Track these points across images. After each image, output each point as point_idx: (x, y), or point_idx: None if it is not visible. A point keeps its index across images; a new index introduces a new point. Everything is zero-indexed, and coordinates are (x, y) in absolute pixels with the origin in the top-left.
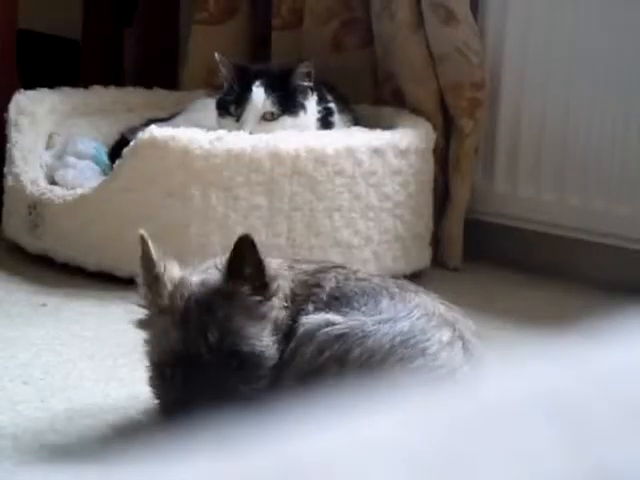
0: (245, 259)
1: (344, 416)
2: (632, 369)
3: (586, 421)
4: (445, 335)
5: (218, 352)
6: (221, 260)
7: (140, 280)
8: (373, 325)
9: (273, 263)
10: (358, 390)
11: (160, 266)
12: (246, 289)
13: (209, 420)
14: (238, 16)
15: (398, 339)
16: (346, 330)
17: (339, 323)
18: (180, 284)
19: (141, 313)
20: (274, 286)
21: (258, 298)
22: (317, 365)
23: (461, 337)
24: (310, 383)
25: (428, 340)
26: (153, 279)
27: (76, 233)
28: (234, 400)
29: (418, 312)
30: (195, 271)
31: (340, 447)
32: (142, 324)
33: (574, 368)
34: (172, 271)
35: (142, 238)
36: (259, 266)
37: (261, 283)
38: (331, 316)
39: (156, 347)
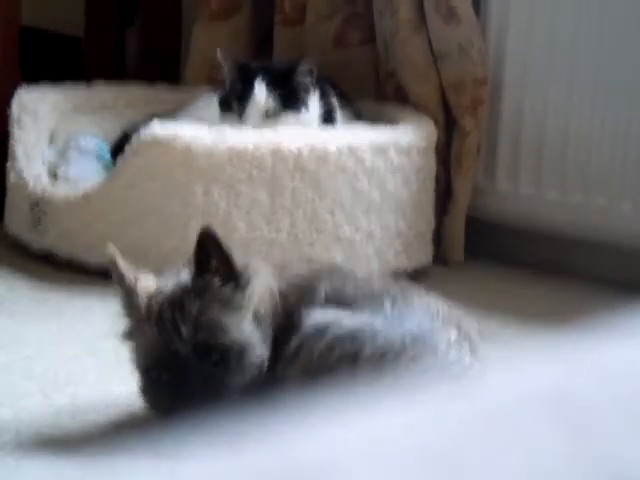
0: (209, 252)
1: (352, 414)
2: (634, 366)
3: (589, 418)
4: (452, 335)
5: (196, 347)
6: (189, 258)
7: (118, 294)
8: (382, 324)
9: (257, 264)
10: (369, 388)
11: (130, 278)
12: (217, 281)
13: (208, 418)
14: (240, 12)
15: (409, 338)
16: (356, 328)
17: (348, 321)
18: (155, 293)
19: (126, 324)
20: (246, 275)
21: (231, 288)
22: (328, 362)
23: (467, 337)
24: (318, 379)
25: (437, 339)
26: (127, 291)
27: (78, 230)
28: (226, 394)
29: (422, 313)
30: (169, 276)
31: (346, 446)
32: (126, 335)
33: (577, 366)
34: (145, 281)
35: (110, 256)
36: (225, 257)
37: (231, 273)
38: (339, 313)
39: (140, 354)
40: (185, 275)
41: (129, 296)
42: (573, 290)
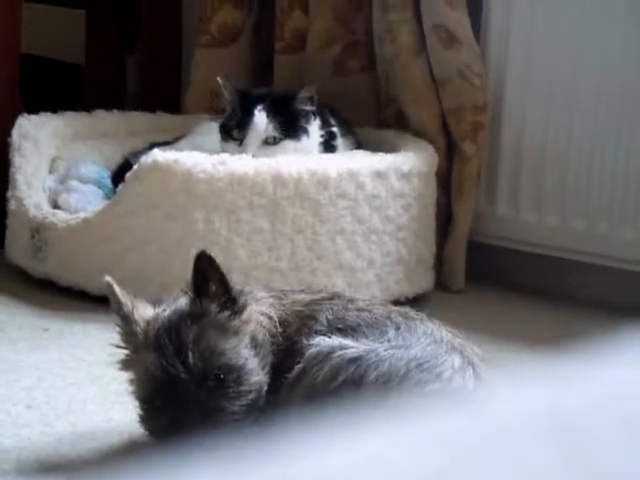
0: (207, 276)
1: (350, 437)
2: (631, 387)
3: (588, 440)
4: (456, 361)
5: (193, 372)
6: (186, 283)
7: (116, 323)
8: (386, 350)
9: (256, 291)
10: (372, 413)
11: (127, 305)
12: (214, 306)
13: (208, 443)
14: (241, 40)
15: (413, 363)
16: (360, 354)
17: (352, 347)
18: (153, 319)
19: (124, 354)
20: (242, 300)
21: (227, 313)
22: (332, 388)
23: (471, 363)
24: (320, 404)
25: (442, 365)
26: (124, 319)
27: (79, 257)
28: (224, 419)
29: (426, 340)
30: (167, 304)
31: (347, 468)
32: (125, 364)
33: (576, 388)
34: (143, 310)
35: (108, 284)
36: (223, 281)
37: (228, 298)
38: (343, 340)
39: (139, 383)
40: (183, 301)
41: (126, 323)
42: (573, 314)
